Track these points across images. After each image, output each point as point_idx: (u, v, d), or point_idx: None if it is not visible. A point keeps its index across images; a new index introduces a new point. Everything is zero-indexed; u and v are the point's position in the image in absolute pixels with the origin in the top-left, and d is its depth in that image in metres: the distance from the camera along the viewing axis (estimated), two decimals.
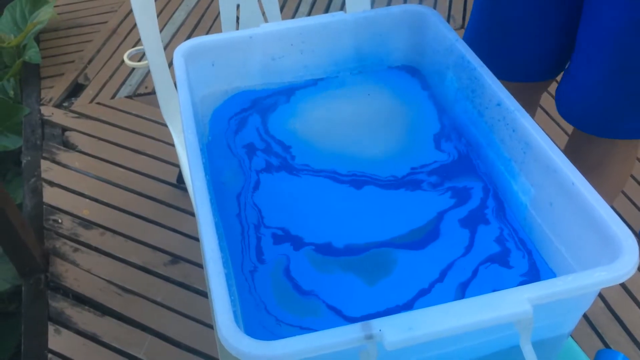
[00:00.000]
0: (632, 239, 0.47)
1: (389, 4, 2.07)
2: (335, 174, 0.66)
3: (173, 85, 1.08)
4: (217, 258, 0.47)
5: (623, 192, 1.42)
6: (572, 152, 0.91)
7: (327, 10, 2.05)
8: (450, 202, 0.62)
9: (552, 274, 0.55)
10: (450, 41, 0.69)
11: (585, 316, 1.18)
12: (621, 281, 0.45)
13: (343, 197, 0.63)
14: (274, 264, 0.57)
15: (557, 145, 0.56)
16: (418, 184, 0.64)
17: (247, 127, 0.71)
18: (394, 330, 0.42)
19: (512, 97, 0.61)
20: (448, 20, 1.96)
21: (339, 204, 0.62)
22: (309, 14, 2.04)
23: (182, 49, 0.69)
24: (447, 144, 0.68)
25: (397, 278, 0.55)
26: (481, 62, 0.65)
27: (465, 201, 0.62)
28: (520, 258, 0.57)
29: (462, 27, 1.94)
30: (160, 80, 1.07)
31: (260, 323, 0.52)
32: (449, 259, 0.57)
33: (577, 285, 0.44)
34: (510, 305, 0.43)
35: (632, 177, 1.46)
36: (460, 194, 0.63)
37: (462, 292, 0.54)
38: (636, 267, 0.45)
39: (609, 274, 0.45)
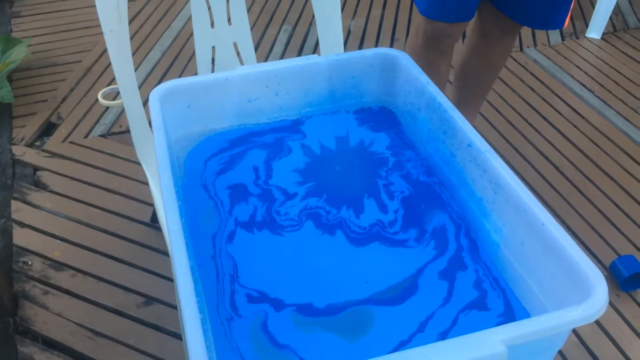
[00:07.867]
0: (601, 278, 0.48)
1: (360, 47, 2.12)
2: (312, 226, 0.65)
3: (148, 124, 1.08)
4: (192, 303, 0.47)
5: (590, 225, 1.44)
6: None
7: (300, 51, 2.09)
8: (428, 253, 0.61)
9: (525, 313, 0.56)
10: (421, 83, 0.71)
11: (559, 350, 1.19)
12: (593, 320, 0.46)
13: (318, 251, 0.62)
14: (252, 318, 0.56)
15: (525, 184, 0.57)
16: (394, 234, 0.64)
17: (225, 170, 0.72)
18: None
19: (482, 139, 0.63)
20: None
21: (314, 259, 0.61)
22: (283, 54, 2.07)
23: (158, 91, 0.70)
24: (421, 183, 0.70)
25: (376, 334, 0.54)
26: (452, 105, 0.67)
27: (442, 249, 0.62)
28: (495, 298, 0.57)
29: None
30: (135, 120, 1.07)
31: None
32: (428, 310, 0.56)
33: (549, 325, 0.45)
34: (485, 346, 0.44)
35: (600, 211, 1.49)
36: (436, 239, 0.63)
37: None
38: (606, 306, 0.46)
39: (581, 313, 0.46)
